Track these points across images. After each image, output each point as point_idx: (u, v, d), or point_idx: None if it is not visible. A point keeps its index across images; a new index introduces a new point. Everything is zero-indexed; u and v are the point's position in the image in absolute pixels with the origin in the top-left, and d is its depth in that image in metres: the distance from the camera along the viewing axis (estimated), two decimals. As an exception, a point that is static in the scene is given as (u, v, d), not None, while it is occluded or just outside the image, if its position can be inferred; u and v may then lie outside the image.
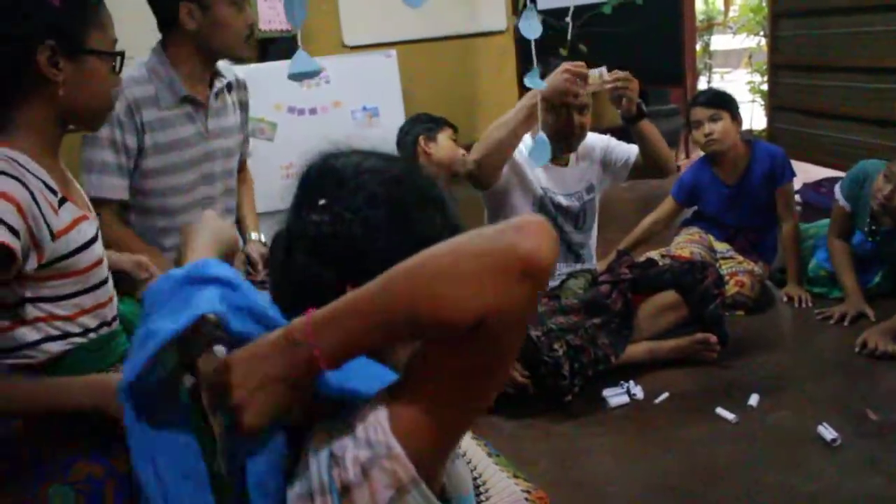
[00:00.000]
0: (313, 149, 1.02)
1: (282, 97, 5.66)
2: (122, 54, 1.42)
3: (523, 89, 4.59)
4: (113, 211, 2.20)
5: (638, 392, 2.53)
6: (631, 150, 2.87)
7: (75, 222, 1.34)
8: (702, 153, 3.45)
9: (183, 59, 2.23)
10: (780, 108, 5.18)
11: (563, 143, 2.71)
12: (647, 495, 2.07)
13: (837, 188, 3.17)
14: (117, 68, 1.42)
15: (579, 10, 5.76)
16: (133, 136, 2.17)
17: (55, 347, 1.35)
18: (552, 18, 5.77)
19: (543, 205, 2.77)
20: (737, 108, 3.36)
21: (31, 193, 1.25)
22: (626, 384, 2.56)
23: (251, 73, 5.64)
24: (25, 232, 1.23)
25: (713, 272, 2.73)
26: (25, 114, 1.33)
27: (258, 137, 5.63)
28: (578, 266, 2.86)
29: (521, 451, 2.19)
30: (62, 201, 1.33)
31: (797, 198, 4.39)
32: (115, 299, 1.48)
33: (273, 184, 6.31)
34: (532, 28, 2.42)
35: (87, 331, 1.39)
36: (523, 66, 5.98)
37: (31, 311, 1.31)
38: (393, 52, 5.87)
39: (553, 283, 2.80)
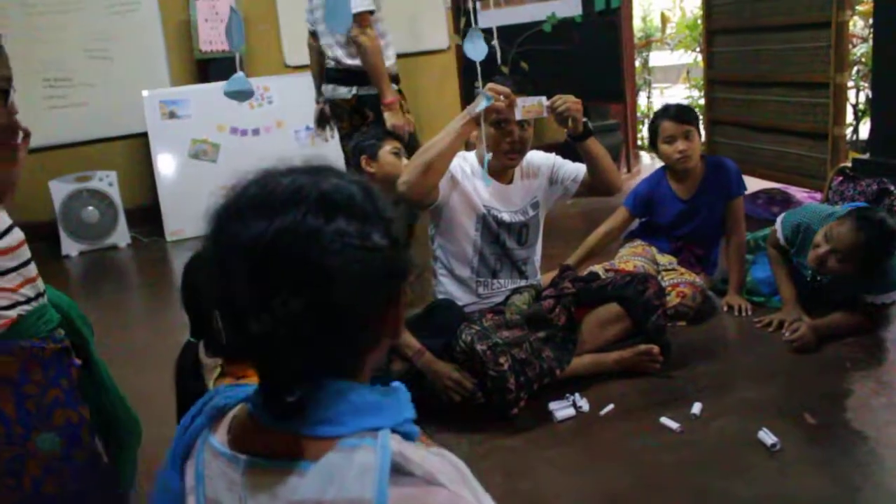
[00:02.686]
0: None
1: (224, 118, 5.62)
2: (6, 92, 1.49)
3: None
4: None
5: (584, 404, 2.56)
6: (579, 169, 2.87)
7: None
8: (660, 165, 3.51)
9: None
10: (717, 122, 5.31)
11: (505, 158, 2.72)
12: (595, 506, 2.09)
13: (780, 221, 3.17)
14: (6, 102, 1.50)
15: (520, 28, 5.85)
16: None
17: (11, 313, 1.56)
18: (492, 37, 5.89)
19: (486, 223, 2.77)
20: (699, 122, 3.45)
21: None
22: (572, 397, 2.58)
23: (192, 94, 5.63)
24: None
25: (654, 284, 2.78)
26: None
27: (201, 159, 5.58)
28: (523, 282, 2.87)
29: (471, 466, 2.19)
30: None
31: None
32: (40, 278, 1.67)
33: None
34: (477, 49, 2.44)
35: (28, 300, 1.60)
36: (465, 84, 6.04)
37: None
38: (336, 71, 5.85)
39: (497, 299, 2.82)
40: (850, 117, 5.68)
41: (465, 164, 2.76)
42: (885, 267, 2.81)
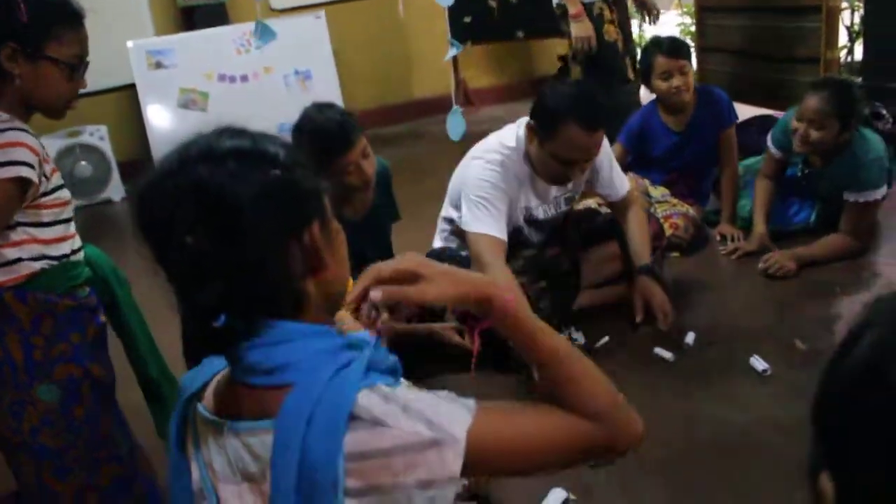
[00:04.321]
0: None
1: (211, 66, 5.56)
2: (74, 65, 1.67)
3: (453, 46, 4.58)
4: None
5: (579, 338, 2.61)
6: (617, 190, 2.69)
7: (53, 171, 1.69)
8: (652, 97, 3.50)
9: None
10: (709, 49, 5.25)
11: (549, 179, 2.57)
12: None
13: (769, 137, 3.24)
14: (77, 76, 1.68)
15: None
16: None
17: (35, 265, 1.66)
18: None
19: (518, 228, 2.65)
20: (691, 54, 3.42)
21: (38, 140, 1.63)
22: (568, 330, 2.63)
23: (178, 43, 5.56)
24: (39, 168, 1.60)
25: (654, 224, 2.76)
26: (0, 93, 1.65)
27: (190, 109, 5.54)
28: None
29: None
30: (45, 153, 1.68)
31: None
32: (77, 237, 1.78)
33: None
34: None
35: (60, 256, 1.70)
36: (452, 20, 5.93)
37: (19, 233, 1.64)
38: (322, 12, 5.78)
39: None
40: (844, 39, 5.62)
41: (518, 168, 2.54)
42: (862, 160, 2.90)
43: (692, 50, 5.52)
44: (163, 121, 5.52)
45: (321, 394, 0.86)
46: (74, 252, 1.75)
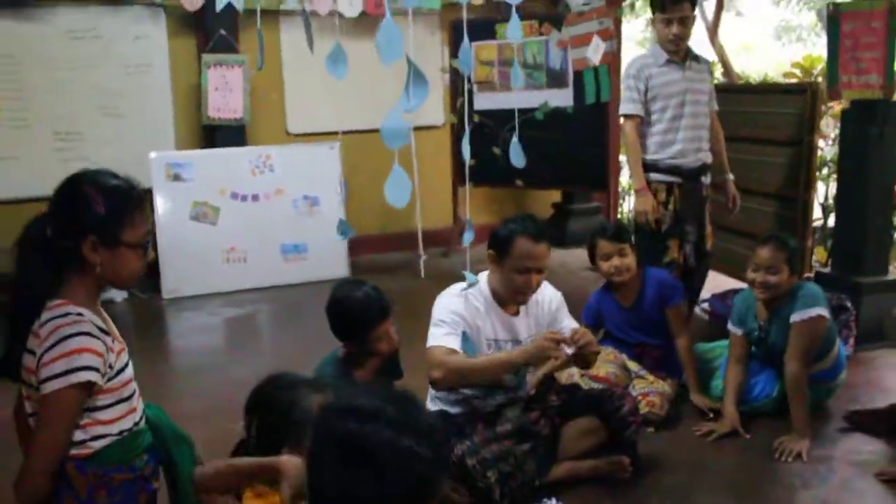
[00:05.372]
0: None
1: (226, 182, 5.86)
2: (146, 244, 1.91)
3: (458, 182, 4.86)
4: None
5: (558, 509, 2.79)
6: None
7: (119, 353, 1.86)
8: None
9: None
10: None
11: (517, 299, 2.89)
12: None
13: (729, 322, 3.59)
14: (146, 252, 1.93)
15: (513, 114, 6.14)
16: None
17: (97, 444, 1.83)
18: (488, 120, 6.19)
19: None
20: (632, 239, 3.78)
21: (103, 342, 1.79)
22: (549, 502, 2.81)
23: (197, 158, 5.86)
24: (103, 366, 1.77)
25: (630, 401, 3.01)
26: (77, 278, 1.85)
27: (201, 221, 5.80)
28: (514, 393, 3.03)
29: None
30: (111, 340, 1.85)
31: (706, 307, 4.80)
32: (142, 404, 1.96)
33: (214, 267, 6.56)
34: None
35: (121, 431, 1.86)
36: (458, 159, 6.29)
37: (83, 417, 1.80)
38: (336, 143, 6.11)
39: (489, 410, 2.98)
40: (818, 211, 6.01)
41: (478, 302, 2.89)
42: (801, 291, 3.34)
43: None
44: (173, 229, 5.76)
45: None
46: (136, 423, 1.91)
